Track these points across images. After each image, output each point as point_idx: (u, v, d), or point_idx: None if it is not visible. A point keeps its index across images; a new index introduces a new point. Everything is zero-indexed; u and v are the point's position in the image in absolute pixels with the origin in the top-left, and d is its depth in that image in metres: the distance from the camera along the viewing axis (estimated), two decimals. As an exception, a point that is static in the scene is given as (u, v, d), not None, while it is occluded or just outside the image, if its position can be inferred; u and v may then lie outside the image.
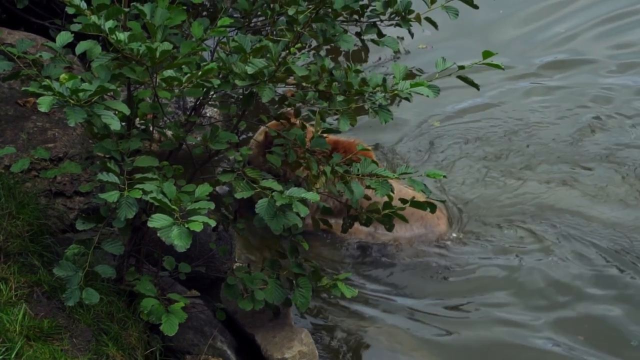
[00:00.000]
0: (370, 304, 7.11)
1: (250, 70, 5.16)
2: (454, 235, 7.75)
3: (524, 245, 7.70)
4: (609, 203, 8.20)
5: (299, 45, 5.45)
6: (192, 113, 5.85)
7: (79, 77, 4.77)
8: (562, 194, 8.33)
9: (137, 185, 4.84)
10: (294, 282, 6.05)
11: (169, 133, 5.60)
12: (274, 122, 6.28)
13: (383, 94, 5.38)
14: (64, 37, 5.43)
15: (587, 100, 9.65)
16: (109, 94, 4.83)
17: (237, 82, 5.23)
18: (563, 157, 8.77)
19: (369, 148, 7.02)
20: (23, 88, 4.84)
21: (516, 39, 10.64)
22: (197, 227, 4.49)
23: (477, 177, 8.51)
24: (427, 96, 5.23)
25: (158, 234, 4.53)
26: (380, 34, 6.70)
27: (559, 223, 7.92)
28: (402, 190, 7.12)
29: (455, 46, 10.02)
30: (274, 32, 5.72)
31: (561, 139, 9.06)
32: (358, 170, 5.64)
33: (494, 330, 6.93)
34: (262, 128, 7.34)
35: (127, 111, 4.83)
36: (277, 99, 5.82)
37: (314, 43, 6.23)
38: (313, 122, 5.90)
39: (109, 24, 4.83)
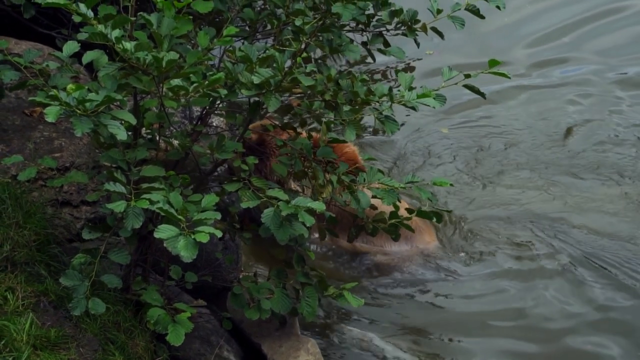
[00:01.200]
0: (376, 314, 7.09)
1: (256, 80, 5.17)
2: (462, 255, 7.68)
3: (521, 264, 7.57)
4: (604, 214, 8.10)
5: (305, 55, 5.46)
6: (199, 122, 5.85)
7: (86, 87, 4.78)
8: (554, 204, 8.25)
9: (144, 195, 4.84)
10: (300, 291, 6.04)
11: (176, 142, 5.60)
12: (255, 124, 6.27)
13: (389, 104, 5.39)
14: (70, 47, 5.44)
15: (582, 101, 9.62)
16: (115, 103, 4.84)
17: (243, 91, 5.24)
18: (553, 164, 8.70)
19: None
20: (30, 98, 4.85)
21: (502, 35, 10.63)
22: (204, 238, 4.49)
23: (468, 186, 8.44)
24: (434, 107, 5.25)
25: (164, 245, 4.53)
26: (387, 44, 6.70)
27: (554, 235, 7.80)
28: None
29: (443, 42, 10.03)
30: (280, 42, 5.73)
31: (547, 144, 8.99)
32: (364, 179, 5.65)
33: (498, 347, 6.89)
34: None
35: (133, 121, 4.84)
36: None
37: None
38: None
39: (116, 33, 4.84)
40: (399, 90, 5.42)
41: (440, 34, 6.63)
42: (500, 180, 8.51)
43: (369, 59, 6.67)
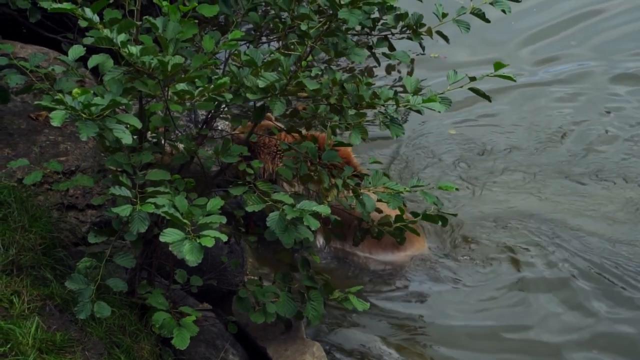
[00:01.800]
0: (380, 318, 7.08)
1: (261, 83, 5.17)
2: (460, 259, 7.62)
3: (521, 273, 7.47)
4: (604, 217, 8.00)
5: (310, 58, 5.46)
6: (204, 126, 5.86)
7: (91, 91, 4.78)
8: (552, 207, 8.16)
9: (149, 199, 4.85)
10: (305, 295, 6.04)
11: (181, 146, 5.61)
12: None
13: (395, 108, 5.39)
14: (76, 51, 5.45)
15: (579, 99, 9.59)
16: (120, 107, 4.85)
17: (248, 95, 5.24)
18: (553, 165, 8.65)
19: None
20: (36, 102, 4.85)
21: (500, 30, 10.60)
22: (209, 243, 4.49)
23: (465, 189, 8.38)
24: (439, 111, 5.25)
25: (170, 248, 4.53)
26: (392, 48, 6.69)
27: (554, 242, 7.71)
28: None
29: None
30: (285, 45, 5.73)
31: (546, 145, 8.93)
32: (369, 183, 5.65)
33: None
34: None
35: (138, 125, 4.84)
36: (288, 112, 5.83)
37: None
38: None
39: (121, 37, 4.84)
40: (403, 96, 5.41)
41: (446, 38, 6.62)
42: (500, 182, 8.45)
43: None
